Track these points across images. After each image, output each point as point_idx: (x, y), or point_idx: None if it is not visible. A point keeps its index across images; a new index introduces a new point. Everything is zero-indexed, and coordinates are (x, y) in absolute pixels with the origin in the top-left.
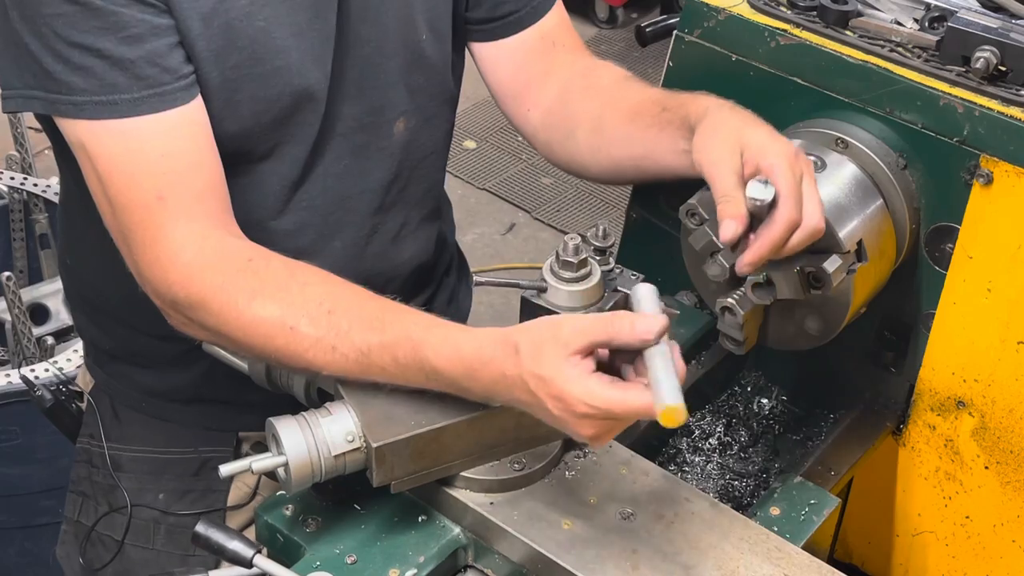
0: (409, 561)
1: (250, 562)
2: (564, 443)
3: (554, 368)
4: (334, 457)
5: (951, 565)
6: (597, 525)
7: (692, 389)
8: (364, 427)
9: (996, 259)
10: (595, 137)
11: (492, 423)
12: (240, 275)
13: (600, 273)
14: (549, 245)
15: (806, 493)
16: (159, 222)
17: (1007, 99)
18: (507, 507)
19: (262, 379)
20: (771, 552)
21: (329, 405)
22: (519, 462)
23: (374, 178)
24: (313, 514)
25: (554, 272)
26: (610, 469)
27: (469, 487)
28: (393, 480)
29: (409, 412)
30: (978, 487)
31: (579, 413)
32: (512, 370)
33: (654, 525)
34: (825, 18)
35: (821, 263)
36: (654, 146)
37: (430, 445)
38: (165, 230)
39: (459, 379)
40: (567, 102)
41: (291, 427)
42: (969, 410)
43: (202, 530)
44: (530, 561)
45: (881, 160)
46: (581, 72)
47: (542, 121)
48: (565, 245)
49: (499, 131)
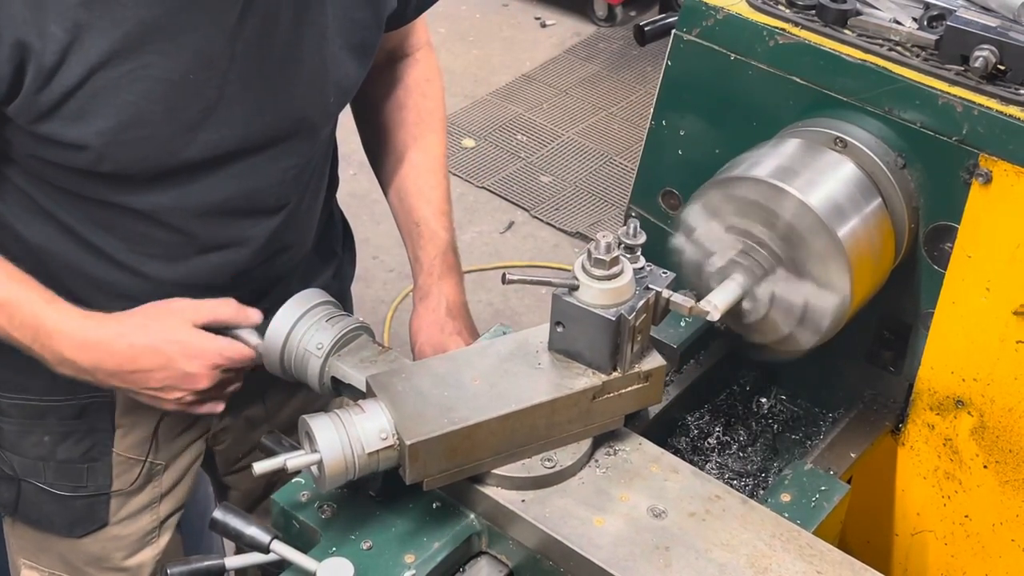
0: (424, 547)
1: (267, 547)
2: (594, 441)
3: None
4: (368, 455)
5: (950, 564)
6: (629, 522)
7: (691, 388)
8: (398, 424)
9: (995, 258)
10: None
11: (524, 420)
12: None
13: (631, 271)
14: (548, 243)
15: (816, 480)
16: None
17: (1006, 98)
18: (539, 505)
19: (276, 367)
20: (803, 549)
21: (362, 403)
22: (550, 460)
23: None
24: (328, 501)
25: (586, 270)
26: (640, 467)
27: (501, 485)
28: (426, 477)
29: (442, 410)
30: (977, 486)
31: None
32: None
33: (686, 522)
34: (824, 17)
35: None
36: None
37: (463, 442)
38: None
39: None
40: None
41: (325, 425)
42: (968, 409)
43: (219, 516)
44: (562, 558)
45: (880, 159)
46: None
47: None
48: (597, 243)
49: (497, 129)
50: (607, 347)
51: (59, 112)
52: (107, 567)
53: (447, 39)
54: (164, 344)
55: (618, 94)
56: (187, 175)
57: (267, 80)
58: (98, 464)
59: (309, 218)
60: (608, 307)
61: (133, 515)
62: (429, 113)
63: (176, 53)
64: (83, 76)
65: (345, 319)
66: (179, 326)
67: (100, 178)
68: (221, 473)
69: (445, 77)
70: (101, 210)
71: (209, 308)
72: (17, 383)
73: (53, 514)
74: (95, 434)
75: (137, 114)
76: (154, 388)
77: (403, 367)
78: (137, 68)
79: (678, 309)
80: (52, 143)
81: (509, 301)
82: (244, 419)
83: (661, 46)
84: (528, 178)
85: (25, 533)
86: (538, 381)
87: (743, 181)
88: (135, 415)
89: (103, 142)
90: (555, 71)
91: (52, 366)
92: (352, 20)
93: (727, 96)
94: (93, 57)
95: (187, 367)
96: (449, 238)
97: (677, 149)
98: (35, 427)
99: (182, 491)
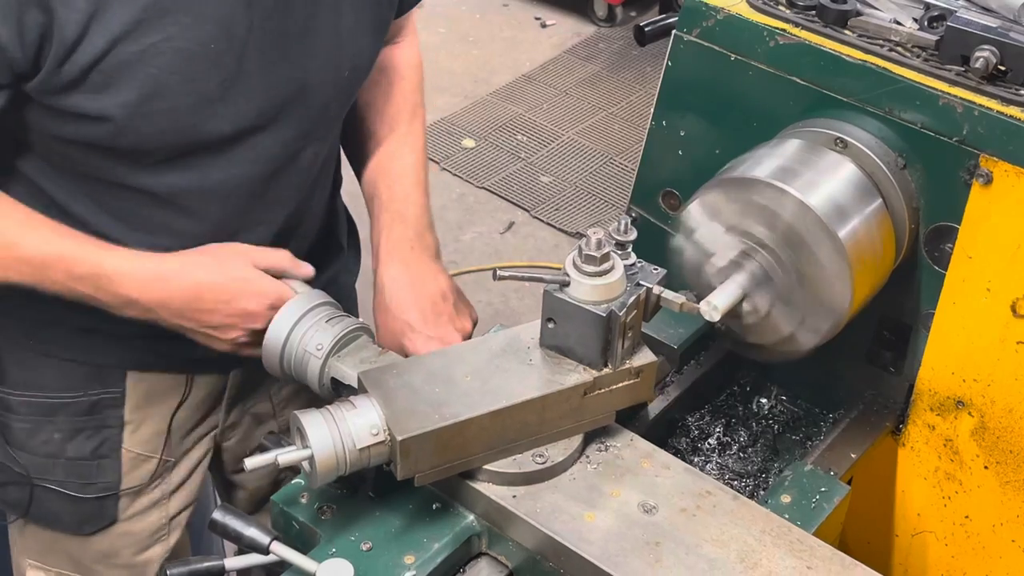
0: (424, 548)
1: (267, 549)
2: (586, 437)
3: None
4: (359, 450)
5: (951, 565)
6: (620, 518)
7: (691, 389)
8: (389, 420)
9: (995, 259)
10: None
11: (515, 416)
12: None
13: (622, 267)
14: (548, 244)
15: (817, 480)
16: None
17: (1006, 99)
18: (530, 500)
19: (275, 368)
20: (793, 544)
21: (353, 399)
22: (541, 455)
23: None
24: (328, 502)
25: (577, 266)
26: (632, 463)
27: (492, 480)
28: (417, 473)
29: (433, 406)
30: (977, 487)
31: (271, 305)
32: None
33: (676, 518)
34: (824, 17)
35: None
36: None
37: (454, 438)
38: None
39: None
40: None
41: (316, 420)
42: (968, 410)
43: (219, 517)
44: (553, 554)
45: (880, 160)
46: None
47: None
48: (588, 239)
49: (498, 130)
50: (598, 343)
51: (82, 85)
52: (116, 564)
53: (447, 39)
54: (228, 281)
55: (618, 94)
56: (206, 153)
57: (284, 52)
58: (108, 461)
59: (319, 204)
60: (599, 303)
61: (142, 512)
62: (405, 97)
63: (196, 23)
64: (105, 48)
65: (345, 320)
66: (241, 265)
67: (119, 156)
68: (229, 471)
69: (445, 77)
70: (118, 199)
71: (268, 254)
72: (27, 380)
73: (62, 512)
74: (105, 430)
75: (158, 86)
76: (213, 326)
77: (395, 363)
78: (159, 40)
79: (669, 306)
80: (73, 117)
81: (509, 302)
82: (251, 416)
83: (661, 46)
84: (528, 178)
85: (33, 533)
86: (529, 377)
87: (743, 182)
88: (144, 411)
89: (125, 115)
90: (555, 71)
91: (117, 310)
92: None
93: (727, 96)
94: (115, 28)
95: (248, 305)
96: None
97: (677, 149)
98: (45, 424)
99: (191, 488)
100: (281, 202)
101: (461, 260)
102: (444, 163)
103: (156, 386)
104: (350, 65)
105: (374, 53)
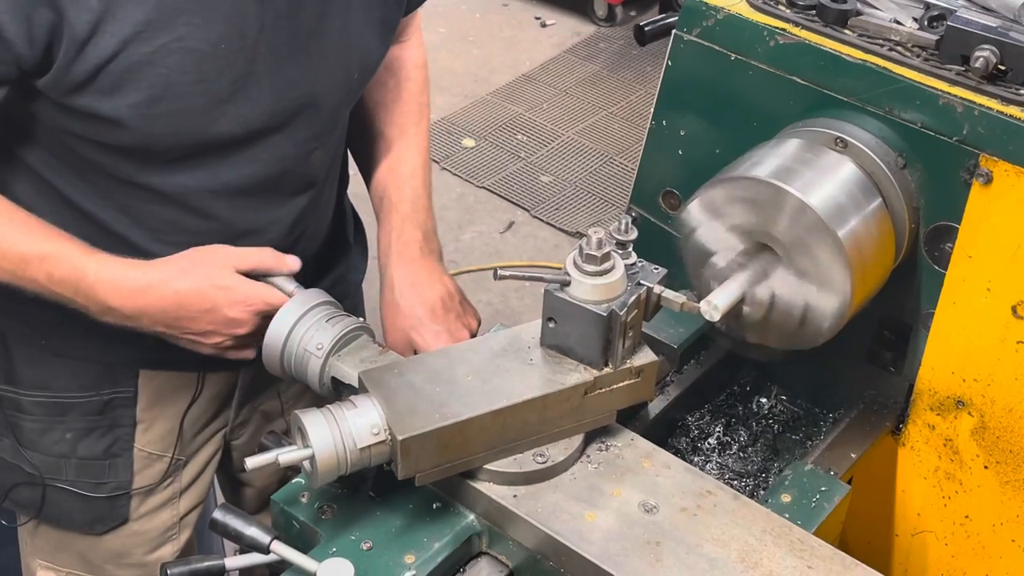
0: (424, 547)
1: (267, 548)
2: (586, 437)
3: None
4: (360, 450)
5: (951, 564)
6: (620, 518)
7: (691, 389)
8: (389, 420)
9: (995, 259)
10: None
11: (516, 416)
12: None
13: (623, 267)
14: (548, 243)
15: (817, 480)
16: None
17: (1006, 98)
18: (530, 500)
19: (275, 367)
20: (794, 544)
21: (354, 398)
22: (542, 455)
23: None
24: (328, 501)
25: (577, 266)
26: (632, 462)
27: (492, 480)
28: (418, 473)
29: (434, 405)
30: (977, 487)
31: (256, 311)
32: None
33: (677, 517)
34: (824, 17)
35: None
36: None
37: (455, 438)
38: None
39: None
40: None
41: (317, 420)
42: (968, 410)
43: (219, 517)
44: (554, 554)
45: (880, 159)
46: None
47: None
48: (589, 239)
49: (497, 129)
50: (599, 343)
51: (93, 85)
52: (127, 563)
53: (447, 39)
54: (209, 289)
55: (618, 94)
56: (216, 153)
57: (294, 52)
58: (119, 460)
59: (328, 203)
60: (599, 303)
61: (154, 511)
62: (412, 98)
63: (207, 23)
64: (116, 48)
65: (345, 319)
66: (223, 272)
67: (130, 155)
68: (237, 469)
69: (445, 77)
70: (127, 196)
71: (250, 255)
72: (39, 380)
73: (74, 512)
74: (116, 430)
75: (169, 86)
76: (196, 333)
77: (396, 363)
78: (170, 41)
79: (669, 305)
80: (85, 116)
81: (509, 302)
82: (260, 414)
83: (661, 46)
84: (528, 178)
85: (45, 534)
86: (530, 377)
87: (744, 181)
88: (156, 410)
89: (136, 115)
90: (555, 71)
91: (96, 316)
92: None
93: (727, 96)
94: (126, 29)
95: (231, 312)
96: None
97: (677, 149)
98: (57, 424)
99: (201, 487)
100: (291, 202)
101: (461, 260)
102: (444, 163)
103: (168, 385)
104: (359, 66)
105: (382, 53)
